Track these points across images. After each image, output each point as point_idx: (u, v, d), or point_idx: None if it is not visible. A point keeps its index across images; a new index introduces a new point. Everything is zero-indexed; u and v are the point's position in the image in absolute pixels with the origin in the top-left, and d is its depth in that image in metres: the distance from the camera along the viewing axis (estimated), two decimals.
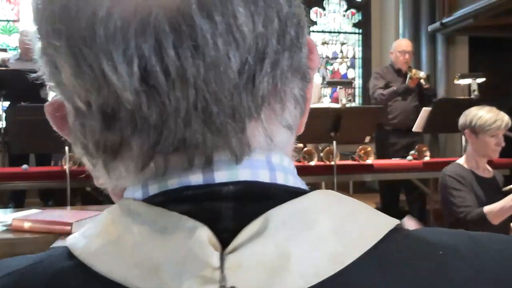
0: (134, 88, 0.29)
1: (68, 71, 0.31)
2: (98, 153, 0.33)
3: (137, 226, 0.31)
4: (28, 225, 1.82)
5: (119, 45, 0.29)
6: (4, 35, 5.93)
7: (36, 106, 3.45)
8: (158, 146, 0.31)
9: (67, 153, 3.05)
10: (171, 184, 0.32)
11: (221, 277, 0.29)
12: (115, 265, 0.30)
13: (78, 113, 0.32)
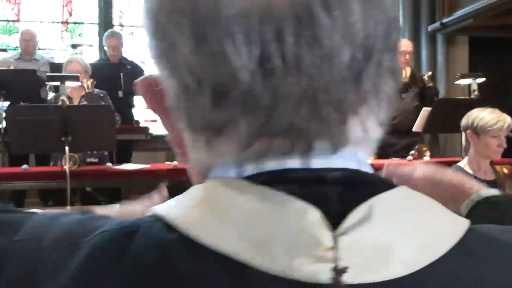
0: (251, 69, 0.31)
1: (187, 48, 0.32)
2: (204, 129, 0.34)
3: (245, 202, 0.32)
4: None
5: (242, 28, 0.30)
6: (4, 35, 5.93)
7: (36, 106, 3.45)
8: (265, 128, 0.32)
9: (67, 153, 3.05)
10: (269, 166, 0.33)
11: (334, 257, 0.30)
12: (223, 238, 0.31)
13: (187, 90, 0.34)
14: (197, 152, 0.37)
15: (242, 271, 0.30)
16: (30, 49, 4.87)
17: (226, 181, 0.34)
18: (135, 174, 3.54)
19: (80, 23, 6.18)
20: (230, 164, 0.35)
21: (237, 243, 0.31)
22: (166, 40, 0.34)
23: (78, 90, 3.66)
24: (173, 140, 0.40)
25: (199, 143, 0.36)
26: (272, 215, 0.31)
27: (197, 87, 0.33)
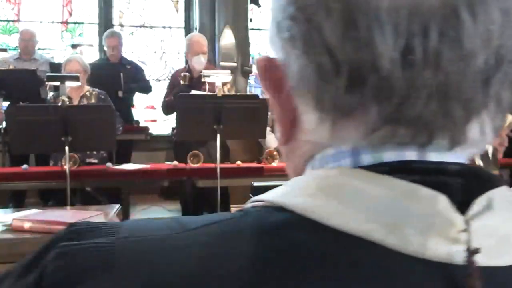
0: (394, 58, 0.33)
1: (333, 32, 0.34)
2: (333, 110, 0.36)
3: (370, 189, 0.34)
4: (28, 225, 1.82)
5: (391, 20, 0.33)
6: (4, 35, 5.94)
7: (36, 106, 3.45)
8: (394, 115, 0.34)
9: (67, 153, 3.05)
10: (387, 157, 0.35)
11: (467, 239, 0.32)
12: (352, 221, 0.33)
13: (323, 72, 0.35)
14: (318, 132, 0.38)
15: (375, 249, 0.32)
16: (29, 48, 4.87)
17: (345, 171, 0.36)
18: (135, 174, 3.54)
19: (80, 23, 6.19)
20: (347, 149, 0.36)
21: (367, 225, 0.32)
22: (310, 22, 0.35)
23: (77, 90, 3.66)
24: (281, 119, 0.41)
25: (324, 123, 0.37)
26: (401, 200, 0.33)
27: (333, 70, 0.34)
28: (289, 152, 0.42)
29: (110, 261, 0.33)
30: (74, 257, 0.33)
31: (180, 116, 3.28)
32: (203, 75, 3.42)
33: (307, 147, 0.39)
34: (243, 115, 3.23)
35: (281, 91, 0.39)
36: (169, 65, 6.40)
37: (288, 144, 0.41)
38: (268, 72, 0.40)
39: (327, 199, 0.34)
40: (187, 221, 0.36)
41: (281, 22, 0.37)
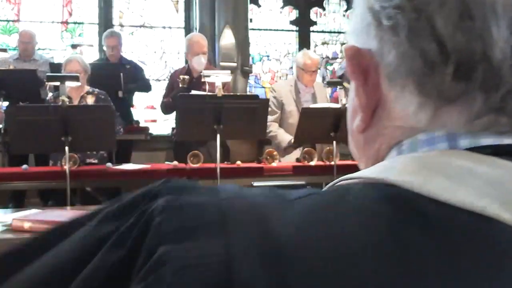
0: (505, 49, 0.34)
1: (445, 21, 0.35)
2: (437, 97, 0.37)
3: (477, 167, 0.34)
4: (28, 225, 1.82)
5: (507, 13, 0.35)
6: (4, 35, 5.94)
7: (36, 106, 3.45)
8: (499, 104, 0.36)
9: (67, 153, 3.05)
10: (485, 142, 0.37)
11: None
12: (462, 195, 0.33)
13: (429, 60, 0.36)
14: (416, 118, 0.39)
15: (492, 224, 0.32)
16: (29, 51, 4.87)
17: (447, 152, 0.37)
18: (135, 174, 3.54)
19: (80, 23, 6.19)
20: (442, 134, 0.38)
21: (481, 200, 0.32)
22: (419, 12, 0.37)
23: (77, 90, 3.66)
24: (364, 106, 0.42)
25: (425, 108, 0.38)
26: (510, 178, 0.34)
27: (441, 58, 0.36)
28: (366, 139, 0.44)
29: (221, 219, 0.32)
30: (184, 211, 0.33)
31: (180, 116, 3.28)
32: (203, 75, 3.42)
33: (396, 133, 0.40)
34: (243, 115, 3.23)
35: (367, 79, 0.41)
36: (169, 65, 6.40)
37: (366, 131, 0.43)
38: (356, 60, 0.41)
39: (434, 176, 0.34)
40: (283, 192, 0.36)
41: (380, 12, 0.39)
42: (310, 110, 3.52)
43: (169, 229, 0.31)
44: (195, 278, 0.29)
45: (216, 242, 0.31)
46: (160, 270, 0.29)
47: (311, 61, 4.00)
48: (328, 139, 3.45)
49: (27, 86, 4.11)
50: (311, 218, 0.33)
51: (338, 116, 3.37)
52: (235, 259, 0.30)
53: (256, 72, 6.71)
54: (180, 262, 0.30)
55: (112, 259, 0.32)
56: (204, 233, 0.31)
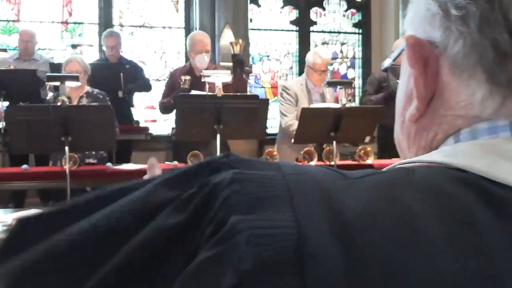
0: None
1: None
2: (506, 87, 0.38)
3: None
4: None
5: None
6: (4, 35, 5.93)
7: (36, 106, 3.45)
8: None
9: (67, 153, 3.05)
10: None
11: None
12: None
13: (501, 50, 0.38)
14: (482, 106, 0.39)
15: None
16: (29, 49, 4.86)
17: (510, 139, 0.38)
18: (135, 174, 3.54)
19: (80, 23, 6.18)
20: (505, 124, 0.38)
21: None
22: (492, 3, 0.37)
23: (77, 90, 3.66)
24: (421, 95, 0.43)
25: (493, 97, 0.39)
26: None
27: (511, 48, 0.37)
28: (419, 128, 0.44)
29: (287, 193, 0.33)
30: (252, 184, 0.33)
31: (180, 116, 3.28)
32: (203, 75, 3.42)
33: (456, 122, 0.41)
34: (243, 115, 3.23)
35: (427, 68, 0.42)
36: (169, 65, 6.40)
37: (419, 120, 0.44)
38: (416, 49, 0.42)
39: (500, 160, 0.36)
40: (344, 172, 0.37)
41: (448, 1, 0.39)
42: (310, 110, 3.52)
43: (239, 201, 0.32)
44: (268, 246, 0.30)
45: (286, 215, 0.31)
46: (235, 238, 0.30)
47: (321, 61, 4.00)
48: (328, 139, 3.45)
49: (27, 86, 4.11)
50: (376, 195, 0.34)
51: (338, 116, 3.36)
52: (305, 230, 0.31)
53: (256, 72, 6.71)
54: (253, 231, 0.30)
55: (172, 222, 0.33)
56: (272, 206, 0.32)
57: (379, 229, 0.32)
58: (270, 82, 6.75)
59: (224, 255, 0.30)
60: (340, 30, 7.03)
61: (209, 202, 0.33)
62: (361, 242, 0.31)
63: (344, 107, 3.39)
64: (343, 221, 0.32)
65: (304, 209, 0.32)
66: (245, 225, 0.31)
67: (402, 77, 0.47)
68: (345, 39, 7.06)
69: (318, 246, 0.30)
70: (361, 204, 0.33)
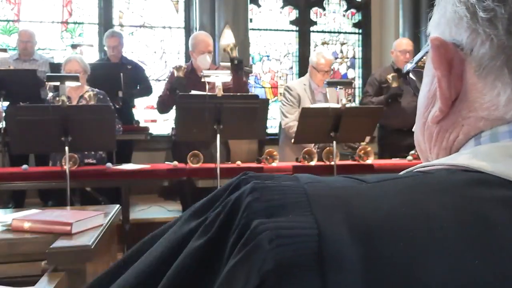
0: None
1: None
2: None
3: None
4: (28, 225, 1.82)
5: None
6: (4, 35, 5.93)
7: (36, 106, 3.45)
8: None
9: (67, 153, 3.05)
10: None
11: None
12: None
13: None
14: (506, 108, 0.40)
15: None
16: (28, 50, 4.85)
17: None
18: (135, 174, 3.54)
19: (80, 23, 6.18)
20: None
21: None
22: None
23: (77, 90, 3.66)
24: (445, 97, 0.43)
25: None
26: None
27: None
28: (441, 129, 0.45)
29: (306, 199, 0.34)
30: (272, 192, 0.35)
31: (180, 116, 3.28)
32: (203, 75, 3.42)
33: (478, 124, 0.41)
34: (243, 115, 3.23)
35: (451, 70, 0.42)
36: (169, 65, 6.39)
37: (442, 122, 0.44)
38: (441, 50, 0.42)
39: None
40: (361, 177, 0.38)
41: (476, 4, 0.40)
42: (310, 110, 3.52)
43: (261, 206, 0.33)
44: (289, 246, 0.31)
45: (306, 218, 0.32)
46: (258, 239, 0.31)
47: (325, 61, 4.01)
48: (328, 139, 3.45)
49: (27, 86, 4.11)
50: (395, 199, 0.34)
51: (338, 116, 3.36)
52: (325, 232, 0.31)
53: (256, 72, 6.71)
54: (275, 232, 0.31)
55: (199, 243, 0.34)
56: (292, 211, 0.33)
57: (398, 232, 0.32)
58: (270, 82, 6.75)
59: (249, 257, 0.31)
60: (340, 30, 7.03)
61: (233, 214, 0.34)
62: (381, 245, 0.31)
63: (344, 107, 3.39)
64: (363, 224, 0.32)
65: (323, 213, 0.33)
66: (267, 226, 0.32)
67: (425, 79, 0.47)
68: (345, 39, 7.06)
69: (338, 247, 0.31)
70: (380, 208, 0.33)
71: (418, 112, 0.48)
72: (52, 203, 4.26)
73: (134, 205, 4.76)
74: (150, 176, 3.57)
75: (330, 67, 4.08)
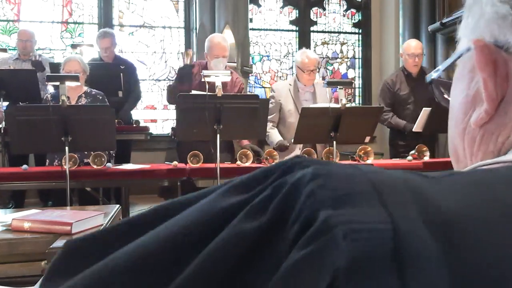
0: None
1: None
2: None
3: None
4: (28, 225, 1.82)
5: None
6: (4, 35, 5.93)
7: (36, 106, 3.45)
8: None
9: (67, 153, 3.05)
10: None
11: None
12: None
13: None
14: None
15: None
16: (28, 49, 4.83)
17: None
18: (135, 174, 3.54)
19: (80, 23, 6.19)
20: None
21: None
22: None
23: (76, 90, 3.66)
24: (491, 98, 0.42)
25: None
26: None
27: None
28: (485, 133, 0.44)
29: (373, 189, 0.31)
30: (336, 179, 0.32)
31: (180, 116, 3.28)
32: (203, 75, 3.42)
33: None
34: (243, 115, 3.23)
35: (496, 71, 0.42)
36: (169, 65, 6.40)
37: (486, 125, 0.43)
38: (485, 51, 0.42)
39: None
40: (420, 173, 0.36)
41: None
42: (310, 110, 3.52)
43: (326, 195, 0.30)
44: (365, 242, 0.28)
45: (377, 210, 0.30)
46: (330, 233, 0.29)
47: (309, 60, 3.99)
48: (328, 139, 3.45)
49: (27, 86, 4.11)
50: (471, 192, 0.33)
51: (338, 116, 3.36)
52: (401, 227, 0.29)
53: (256, 72, 6.71)
54: (349, 225, 0.29)
55: (250, 227, 0.31)
56: (361, 201, 0.30)
57: (482, 228, 0.30)
58: (270, 82, 6.75)
59: (321, 252, 0.29)
60: (340, 30, 7.03)
61: (290, 201, 0.31)
62: (462, 240, 0.29)
63: (344, 107, 3.39)
64: (440, 218, 0.30)
65: (395, 205, 0.30)
66: (339, 219, 0.29)
67: (458, 84, 0.46)
68: (345, 39, 7.06)
69: (416, 244, 0.29)
70: (457, 202, 0.32)
71: (455, 120, 0.47)
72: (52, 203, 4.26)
73: (134, 205, 4.76)
74: (150, 176, 3.57)
75: (315, 65, 4.05)
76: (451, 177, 0.35)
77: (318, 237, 0.29)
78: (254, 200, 0.32)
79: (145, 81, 6.26)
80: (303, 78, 4.01)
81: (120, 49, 6.11)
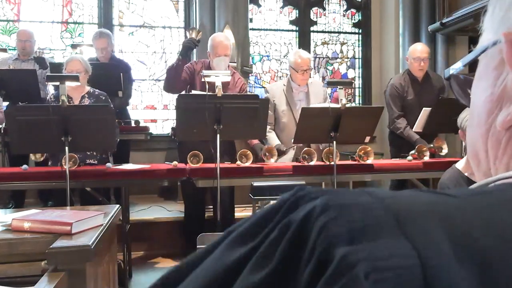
0: None
1: None
2: None
3: None
4: (28, 225, 1.82)
5: None
6: (4, 35, 5.93)
7: (36, 106, 3.45)
8: None
9: (67, 153, 3.05)
10: None
11: None
12: None
13: None
14: None
15: None
16: (27, 49, 4.82)
17: None
18: (135, 174, 3.54)
19: (80, 23, 6.18)
20: None
21: None
22: None
23: (78, 89, 3.66)
24: None
25: None
26: None
27: None
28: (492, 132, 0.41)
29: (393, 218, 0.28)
30: (350, 211, 0.28)
31: (180, 116, 3.28)
32: (202, 75, 3.42)
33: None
34: (243, 115, 3.23)
35: None
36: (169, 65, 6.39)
37: None
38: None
39: None
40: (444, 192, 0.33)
41: None
42: (310, 110, 3.52)
43: (340, 229, 0.27)
44: (390, 281, 0.25)
45: (400, 243, 0.27)
46: (351, 274, 0.26)
47: (302, 60, 3.99)
48: (328, 139, 3.45)
49: (27, 86, 4.11)
50: (497, 214, 0.30)
51: (338, 116, 3.36)
52: (429, 260, 0.26)
53: (256, 72, 6.70)
54: (370, 263, 0.26)
55: (259, 277, 0.28)
56: (381, 233, 0.27)
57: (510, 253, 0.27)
58: (270, 82, 6.74)
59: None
60: (340, 30, 7.03)
61: (301, 239, 0.28)
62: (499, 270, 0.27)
63: (344, 107, 3.39)
64: (472, 245, 0.27)
65: (420, 235, 0.27)
66: (358, 256, 0.26)
67: (482, 82, 0.42)
68: (345, 39, 7.06)
69: (447, 277, 0.26)
70: (489, 228, 0.29)
71: (477, 119, 0.43)
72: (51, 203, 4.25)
73: (134, 205, 4.76)
74: (150, 176, 3.57)
75: (309, 65, 4.05)
76: (479, 197, 0.32)
77: (338, 279, 0.26)
78: (261, 246, 0.30)
79: (145, 81, 6.26)
80: (297, 78, 4.02)
81: (120, 49, 6.12)
